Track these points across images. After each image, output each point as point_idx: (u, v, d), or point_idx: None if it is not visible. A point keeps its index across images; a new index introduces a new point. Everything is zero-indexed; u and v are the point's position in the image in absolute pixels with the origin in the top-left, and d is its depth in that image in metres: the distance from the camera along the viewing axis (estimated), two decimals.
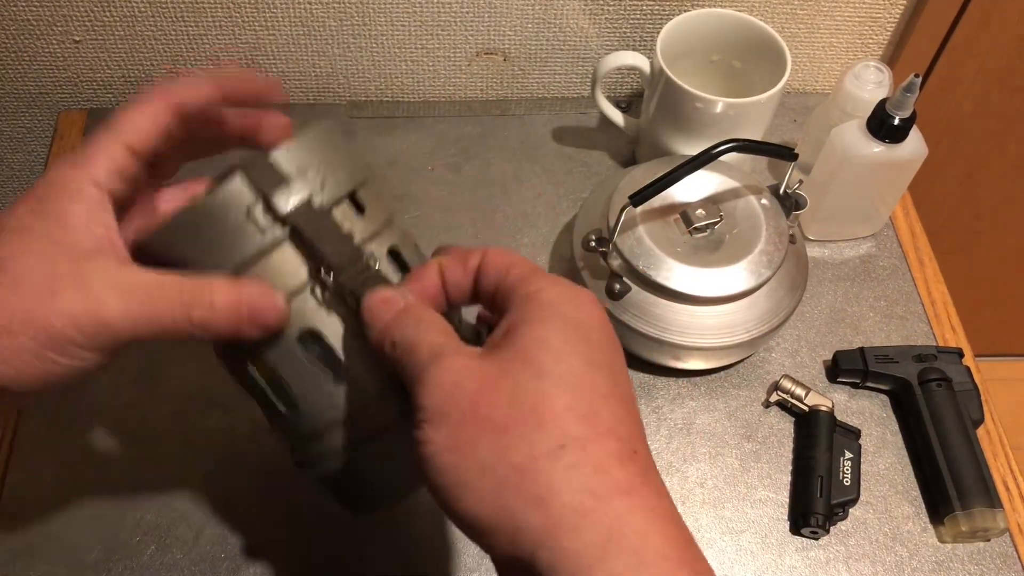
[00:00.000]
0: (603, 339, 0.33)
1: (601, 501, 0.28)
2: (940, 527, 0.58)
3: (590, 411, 0.30)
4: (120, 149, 0.36)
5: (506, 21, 0.75)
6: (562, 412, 0.30)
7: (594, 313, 0.33)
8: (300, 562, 0.55)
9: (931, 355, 0.62)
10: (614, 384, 0.31)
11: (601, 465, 0.29)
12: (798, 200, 0.61)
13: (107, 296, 0.34)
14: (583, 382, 0.31)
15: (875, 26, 0.79)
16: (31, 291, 0.34)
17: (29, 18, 0.72)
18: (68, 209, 0.35)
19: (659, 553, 0.28)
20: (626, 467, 0.29)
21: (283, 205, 0.36)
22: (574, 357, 0.31)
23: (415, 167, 0.75)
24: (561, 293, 0.33)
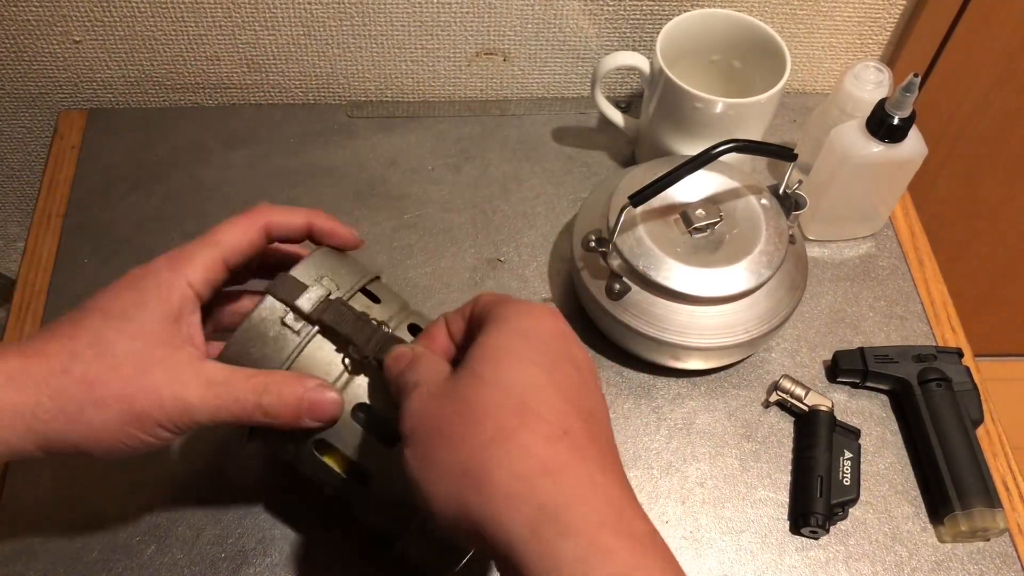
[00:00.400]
0: (546, 338, 0.37)
1: (528, 481, 0.32)
2: (940, 527, 0.58)
3: (520, 403, 0.34)
4: (218, 262, 0.43)
5: (506, 21, 0.75)
6: (495, 409, 0.34)
7: (542, 319, 0.38)
8: (300, 562, 0.55)
9: (931, 355, 0.62)
10: (547, 373, 0.35)
11: (528, 449, 0.32)
12: (798, 200, 0.61)
13: (192, 383, 0.40)
14: (517, 379, 0.35)
15: (875, 26, 0.79)
16: (126, 372, 0.39)
17: (29, 18, 0.72)
18: (165, 305, 0.41)
19: (586, 521, 0.31)
20: (554, 446, 0.33)
21: (306, 307, 0.44)
22: (508, 358, 0.35)
23: (415, 167, 0.75)
24: (516, 308, 0.38)
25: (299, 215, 0.46)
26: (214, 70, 0.78)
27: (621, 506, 0.32)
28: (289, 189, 0.73)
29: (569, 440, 0.33)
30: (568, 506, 0.31)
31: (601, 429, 0.36)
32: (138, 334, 0.40)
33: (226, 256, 0.43)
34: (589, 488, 0.32)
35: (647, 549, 0.31)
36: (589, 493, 0.32)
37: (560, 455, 0.32)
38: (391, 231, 0.71)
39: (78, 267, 0.68)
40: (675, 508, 0.59)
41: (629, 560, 0.30)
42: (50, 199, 0.72)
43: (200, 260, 0.42)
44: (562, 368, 0.36)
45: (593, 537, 0.31)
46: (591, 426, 0.35)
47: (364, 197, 0.73)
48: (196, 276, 0.42)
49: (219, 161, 0.75)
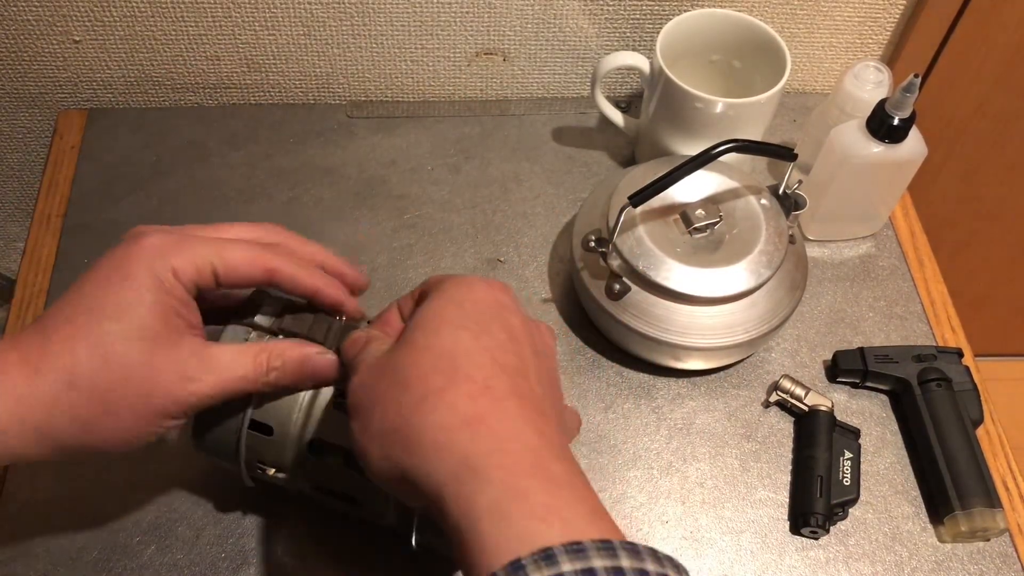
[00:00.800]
0: (480, 305, 0.39)
1: (451, 433, 0.33)
2: (940, 527, 0.58)
3: (449, 366, 0.36)
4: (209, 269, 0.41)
5: (506, 21, 0.75)
6: (426, 372, 0.36)
7: (476, 288, 0.40)
8: (300, 562, 0.55)
9: (931, 355, 0.62)
10: (475, 338, 0.37)
11: (453, 404, 0.34)
12: (798, 200, 0.61)
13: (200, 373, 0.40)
14: (445, 343, 0.37)
15: (875, 26, 0.79)
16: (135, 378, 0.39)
17: (29, 18, 0.72)
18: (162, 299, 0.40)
19: (501, 467, 0.32)
20: (476, 401, 0.34)
21: (265, 322, 0.46)
22: (442, 325, 0.37)
23: (415, 167, 0.75)
24: (454, 281, 0.40)
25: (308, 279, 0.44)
26: (214, 70, 0.78)
27: (538, 451, 0.34)
28: (289, 189, 0.73)
29: (490, 394, 0.35)
30: (486, 455, 0.33)
31: (527, 386, 0.37)
32: (139, 334, 0.39)
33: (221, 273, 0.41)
34: (508, 437, 0.34)
35: (562, 489, 0.33)
36: (507, 441, 0.33)
37: (480, 408, 0.34)
38: (391, 231, 0.71)
39: (78, 267, 0.67)
40: (675, 508, 0.59)
41: (543, 500, 0.32)
42: (50, 199, 0.72)
43: (196, 264, 0.41)
44: (492, 332, 0.38)
45: (509, 481, 0.32)
46: (515, 382, 0.36)
47: (364, 197, 0.73)
48: (187, 276, 0.40)
49: (219, 161, 0.75)
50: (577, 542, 0.29)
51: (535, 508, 0.31)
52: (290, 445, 0.46)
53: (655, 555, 0.30)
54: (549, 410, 0.37)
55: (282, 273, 0.43)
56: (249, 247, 0.43)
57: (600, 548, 0.29)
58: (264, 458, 0.47)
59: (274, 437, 0.46)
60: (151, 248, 0.40)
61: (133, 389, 0.39)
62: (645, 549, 0.30)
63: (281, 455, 0.46)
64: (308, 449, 0.46)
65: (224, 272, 0.41)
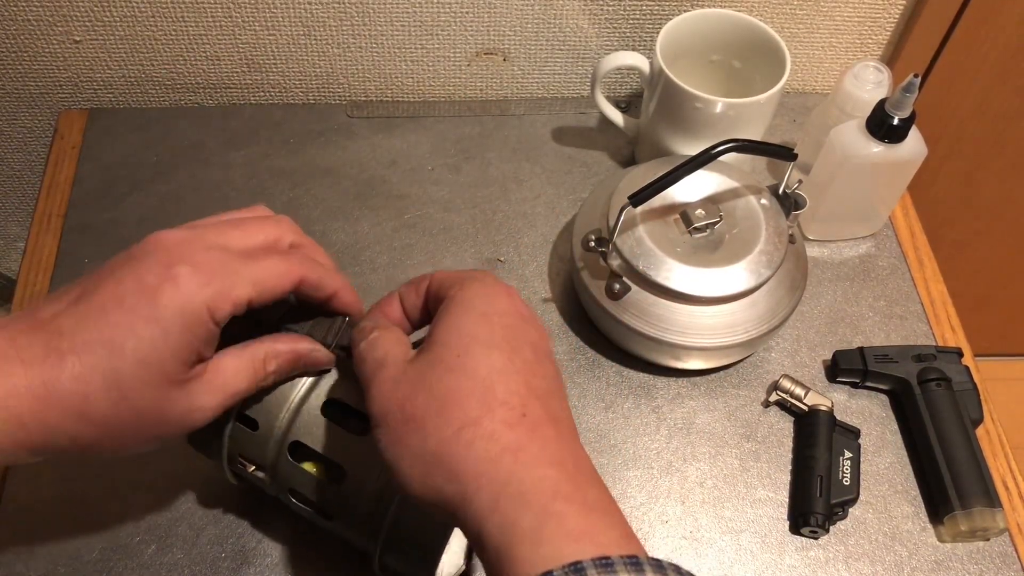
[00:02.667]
0: (506, 320, 0.39)
1: (493, 464, 0.34)
2: (939, 527, 0.58)
3: (485, 390, 0.36)
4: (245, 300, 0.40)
5: (506, 21, 0.75)
6: (463, 398, 0.36)
7: (501, 302, 0.40)
8: (300, 562, 0.55)
9: (930, 355, 0.62)
10: (509, 359, 0.37)
11: (492, 434, 0.35)
12: (798, 200, 0.61)
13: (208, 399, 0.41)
14: (480, 366, 0.37)
15: (875, 26, 0.79)
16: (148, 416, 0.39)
17: (29, 18, 0.72)
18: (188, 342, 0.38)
19: (540, 492, 0.33)
20: (514, 430, 0.35)
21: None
22: (474, 344, 0.37)
23: (415, 167, 0.75)
24: (475, 290, 0.40)
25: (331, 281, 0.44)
26: (214, 70, 0.78)
27: (574, 477, 0.35)
28: (289, 189, 0.73)
29: (527, 422, 0.36)
30: (525, 481, 0.34)
31: (557, 406, 0.38)
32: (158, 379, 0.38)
33: (255, 299, 0.40)
34: (545, 463, 0.35)
35: (597, 513, 0.34)
36: (545, 467, 0.34)
37: (520, 436, 0.35)
38: (391, 231, 0.71)
39: (78, 267, 0.68)
40: (675, 508, 0.59)
41: (580, 523, 0.33)
42: (50, 199, 0.72)
43: (234, 299, 0.39)
44: (521, 352, 0.38)
45: (547, 505, 0.33)
46: (547, 404, 0.37)
47: (364, 197, 0.73)
48: (223, 313, 0.39)
49: (219, 161, 0.75)
50: (606, 556, 0.31)
51: (570, 531, 0.32)
52: (272, 444, 0.46)
53: (678, 571, 0.32)
54: (574, 427, 0.38)
55: (309, 281, 0.42)
56: (278, 262, 0.41)
57: (627, 563, 0.31)
58: (246, 453, 0.47)
59: (258, 433, 0.46)
60: (187, 288, 0.38)
61: (143, 424, 0.39)
62: (669, 565, 0.32)
63: (263, 452, 0.46)
64: (289, 451, 0.46)
65: (258, 298, 0.40)
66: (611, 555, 0.31)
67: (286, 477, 0.47)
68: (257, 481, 0.48)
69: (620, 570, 0.30)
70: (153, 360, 0.37)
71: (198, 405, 0.40)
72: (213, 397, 0.41)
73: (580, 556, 0.31)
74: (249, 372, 0.42)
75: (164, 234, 0.40)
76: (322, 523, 0.48)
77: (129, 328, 0.37)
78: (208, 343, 0.40)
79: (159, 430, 0.40)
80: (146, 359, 0.37)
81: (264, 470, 0.47)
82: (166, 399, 0.39)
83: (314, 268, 0.43)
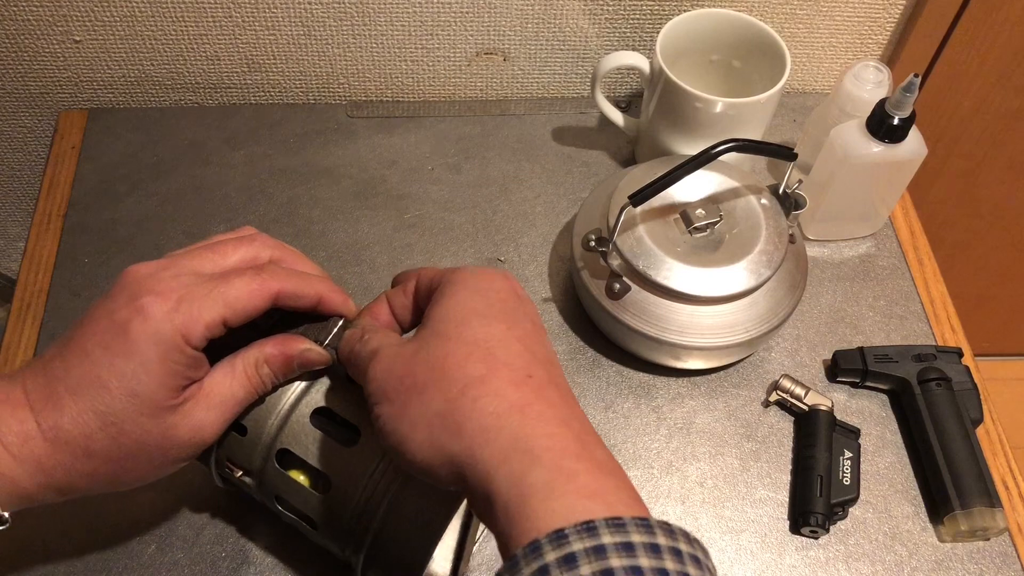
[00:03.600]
0: (502, 295, 0.40)
1: (500, 418, 0.35)
2: (939, 526, 0.58)
3: (486, 354, 0.37)
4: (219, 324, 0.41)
5: (506, 21, 0.75)
6: (464, 361, 0.37)
7: (494, 279, 0.40)
8: (300, 562, 0.55)
9: (930, 355, 0.63)
10: (508, 328, 0.38)
11: (498, 391, 0.35)
12: (798, 200, 0.61)
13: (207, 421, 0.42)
14: (479, 333, 0.37)
15: (875, 26, 0.79)
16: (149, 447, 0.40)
17: (29, 18, 0.72)
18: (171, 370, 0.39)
19: (550, 449, 0.34)
20: (520, 389, 0.36)
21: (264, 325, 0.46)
22: (472, 316, 0.38)
23: (415, 167, 0.75)
24: (467, 271, 0.41)
25: (310, 288, 0.44)
26: (214, 70, 0.78)
27: (582, 437, 0.35)
28: (289, 189, 0.73)
29: (533, 382, 0.36)
30: (535, 437, 0.34)
31: (559, 373, 0.39)
32: (150, 408, 0.39)
33: (229, 319, 0.41)
34: (553, 422, 0.35)
35: (606, 472, 0.34)
36: (553, 426, 0.35)
37: (526, 395, 0.36)
38: (391, 231, 0.71)
39: (78, 267, 0.68)
40: (675, 508, 0.59)
41: (590, 482, 0.33)
42: (50, 199, 0.72)
43: (205, 322, 0.40)
44: (520, 323, 0.39)
45: (558, 462, 0.33)
46: (550, 371, 0.38)
47: (364, 197, 0.73)
48: (197, 337, 0.40)
49: (219, 161, 0.75)
50: (618, 517, 0.31)
51: (582, 489, 0.33)
52: (260, 450, 0.45)
53: (687, 536, 0.32)
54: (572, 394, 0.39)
55: (285, 293, 0.43)
56: (250, 279, 0.41)
57: (639, 525, 0.31)
58: (234, 458, 0.46)
59: (247, 438, 0.45)
60: (154, 317, 0.39)
61: (149, 452, 0.41)
62: (679, 530, 0.32)
63: (250, 458, 0.46)
64: (276, 458, 0.45)
65: (232, 317, 0.41)
66: (623, 516, 0.31)
67: (272, 484, 0.46)
68: (244, 486, 0.48)
69: (632, 531, 0.30)
70: (141, 391, 0.39)
71: (200, 424, 0.41)
72: (213, 413, 0.42)
73: (592, 515, 0.31)
74: (243, 381, 0.43)
75: (136, 268, 0.41)
76: (306, 532, 0.48)
77: (110, 366, 0.38)
78: (192, 366, 0.40)
79: (170, 455, 0.41)
80: (134, 392, 0.39)
81: (251, 475, 0.47)
82: (165, 425, 0.40)
83: (290, 279, 0.43)
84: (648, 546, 0.30)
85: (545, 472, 0.33)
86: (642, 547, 0.30)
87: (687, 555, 0.31)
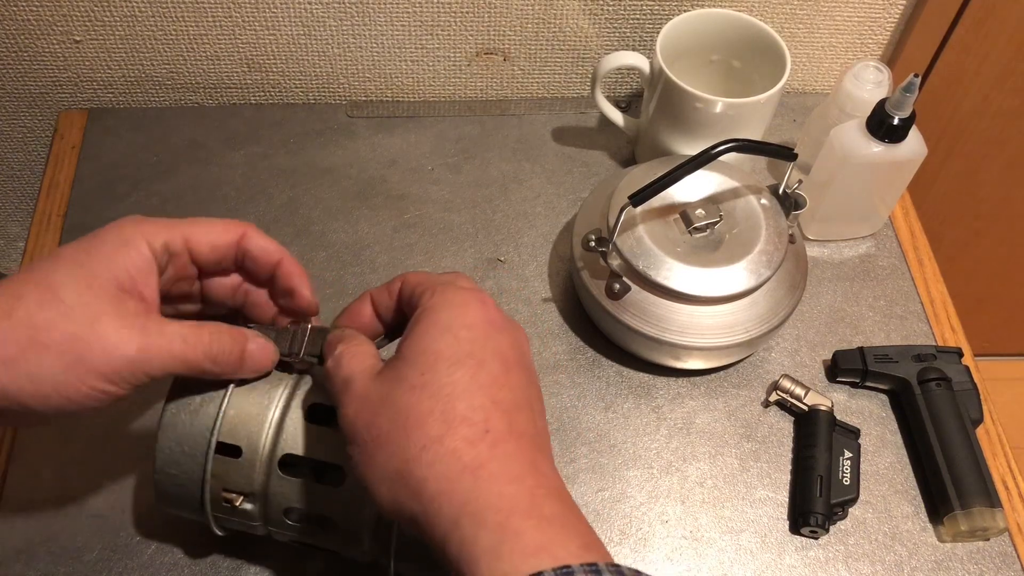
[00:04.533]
0: (473, 332, 0.39)
1: (453, 482, 0.35)
2: (939, 526, 0.58)
3: (446, 408, 0.36)
4: (180, 239, 0.42)
5: (506, 21, 0.75)
6: (425, 417, 0.36)
7: (467, 311, 0.39)
8: (300, 562, 0.55)
9: (930, 355, 0.62)
10: (473, 376, 0.37)
11: (454, 452, 0.35)
12: (798, 200, 0.61)
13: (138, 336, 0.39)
14: (443, 383, 0.37)
15: (875, 26, 0.79)
16: (71, 319, 0.38)
17: (29, 18, 0.72)
18: (122, 256, 0.41)
19: (497, 511, 0.34)
20: (475, 447, 0.36)
21: None
22: (438, 361, 0.38)
23: (415, 167, 0.75)
24: (446, 299, 0.40)
25: (276, 248, 0.46)
26: (214, 70, 0.78)
27: (533, 492, 0.35)
28: (289, 189, 0.73)
29: (490, 438, 0.36)
30: (483, 500, 0.34)
31: (523, 419, 0.38)
32: (89, 282, 0.39)
33: (191, 240, 0.43)
34: (504, 480, 0.35)
35: (555, 527, 0.34)
36: (503, 484, 0.35)
37: (481, 454, 0.36)
38: (391, 231, 0.71)
39: None
40: (675, 508, 0.59)
41: (537, 539, 0.33)
42: (50, 199, 0.72)
43: (165, 229, 0.43)
44: (487, 365, 0.38)
45: (504, 523, 0.34)
46: (512, 419, 0.37)
47: (364, 197, 0.73)
48: (157, 240, 0.42)
49: (219, 161, 0.75)
50: (567, 566, 0.32)
51: (528, 546, 0.33)
52: (260, 466, 0.44)
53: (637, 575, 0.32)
54: (542, 440, 0.39)
55: (253, 236, 0.45)
56: (222, 219, 0.45)
57: (587, 571, 0.32)
58: (232, 484, 0.45)
59: (243, 458, 0.44)
60: (125, 224, 0.42)
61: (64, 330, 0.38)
62: (629, 571, 0.32)
63: (250, 477, 0.44)
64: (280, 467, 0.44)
65: (197, 241, 0.43)
66: (572, 564, 0.32)
67: (281, 497, 0.45)
68: (246, 520, 0.46)
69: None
70: (85, 263, 0.39)
71: (130, 332, 0.39)
72: (147, 337, 0.39)
73: (539, 567, 0.32)
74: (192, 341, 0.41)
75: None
76: (323, 542, 0.47)
77: (73, 246, 0.41)
78: (142, 271, 0.41)
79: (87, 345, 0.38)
80: (77, 261, 0.39)
81: (254, 498, 0.45)
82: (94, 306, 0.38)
83: (258, 232, 0.45)
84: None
85: (491, 534, 0.33)
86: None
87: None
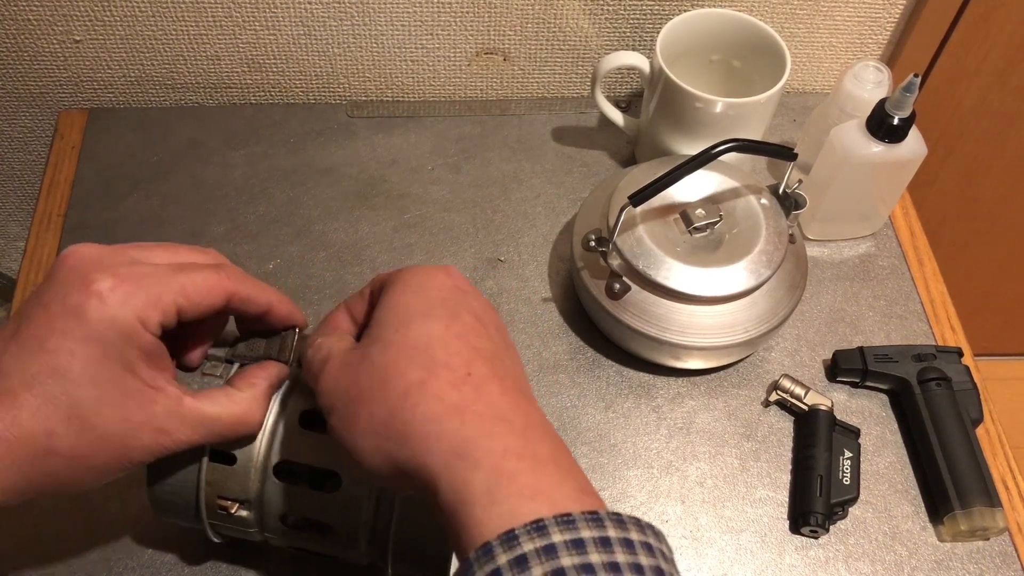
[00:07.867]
0: (443, 292, 0.39)
1: (440, 423, 0.35)
2: (939, 526, 0.58)
3: (426, 356, 0.36)
4: (174, 309, 0.39)
5: (506, 21, 0.75)
6: (405, 367, 0.36)
7: (435, 275, 0.40)
8: (300, 562, 0.55)
9: (930, 354, 0.63)
10: (447, 326, 0.38)
11: (437, 394, 0.35)
12: (798, 200, 0.61)
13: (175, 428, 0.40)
14: (419, 335, 0.37)
15: (875, 26, 0.79)
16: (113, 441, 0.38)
17: (29, 18, 0.72)
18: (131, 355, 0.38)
19: (490, 452, 0.34)
20: (459, 389, 0.35)
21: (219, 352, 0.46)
22: (412, 317, 0.38)
23: (415, 167, 0.75)
24: (411, 271, 0.41)
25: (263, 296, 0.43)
26: (214, 70, 0.78)
27: (524, 432, 0.35)
28: (289, 189, 0.73)
29: (472, 381, 0.36)
30: (474, 440, 0.34)
31: (504, 367, 0.38)
32: (112, 399, 0.37)
33: (185, 309, 0.40)
34: (492, 421, 0.35)
35: (548, 467, 0.34)
36: (493, 425, 0.35)
37: (465, 395, 0.35)
38: (391, 231, 0.71)
39: None
40: (675, 507, 0.59)
41: (531, 480, 0.33)
42: (50, 199, 0.72)
43: (163, 307, 0.38)
44: (460, 317, 0.38)
45: (497, 464, 0.33)
46: (493, 364, 0.37)
47: (364, 197, 0.73)
48: (154, 323, 0.38)
49: (219, 161, 0.75)
50: (567, 514, 0.31)
51: (523, 489, 0.33)
52: (255, 472, 0.44)
53: (639, 524, 0.32)
54: (526, 386, 0.39)
55: (240, 295, 0.42)
56: (208, 274, 0.41)
57: (589, 519, 0.31)
58: (227, 491, 0.45)
59: (237, 466, 0.44)
60: (110, 300, 0.37)
61: (111, 450, 0.38)
62: (630, 519, 0.32)
63: (245, 484, 0.44)
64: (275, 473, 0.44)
65: (187, 306, 0.40)
66: (572, 512, 0.31)
67: (277, 503, 0.45)
68: (242, 526, 0.46)
69: (582, 527, 0.31)
70: (104, 379, 0.37)
71: (166, 429, 0.39)
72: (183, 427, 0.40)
73: (538, 514, 0.31)
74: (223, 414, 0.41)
75: (79, 249, 0.39)
76: (320, 548, 0.47)
77: (69, 353, 0.36)
78: (152, 354, 0.39)
79: (130, 454, 0.39)
80: (96, 378, 0.37)
81: (250, 505, 0.45)
82: (128, 423, 0.38)
83: (246, 281, 0.42)
84: (598, 540, 0.30)
85: (485, 476, 0.33)
86: (592, 542, 0.30)
87: (638, 544, 0.31)
